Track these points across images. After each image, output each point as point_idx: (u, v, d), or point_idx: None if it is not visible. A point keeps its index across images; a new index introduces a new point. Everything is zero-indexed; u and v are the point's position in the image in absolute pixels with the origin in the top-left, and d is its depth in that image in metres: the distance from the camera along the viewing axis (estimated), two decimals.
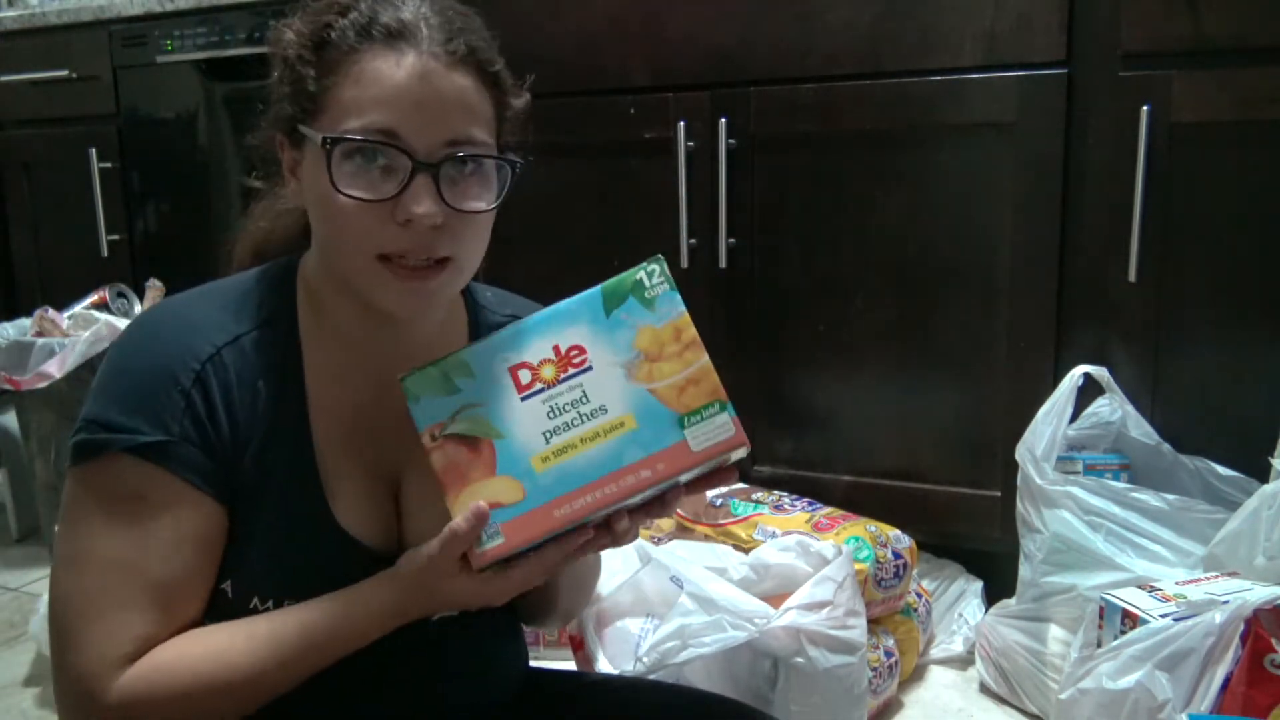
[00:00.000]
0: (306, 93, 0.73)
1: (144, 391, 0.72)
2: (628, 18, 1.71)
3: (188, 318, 0.77)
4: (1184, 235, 1.40)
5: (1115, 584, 1.26)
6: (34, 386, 1.83)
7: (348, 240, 0.73)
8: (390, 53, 0.71)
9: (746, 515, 1.51)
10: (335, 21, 0.73)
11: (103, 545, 0.71)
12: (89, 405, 0.72)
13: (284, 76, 0.75)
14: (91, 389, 0.74)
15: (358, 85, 0.71)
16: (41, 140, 2.38)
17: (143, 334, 0.76)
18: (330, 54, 0.73)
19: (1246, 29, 1.33)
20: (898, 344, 1.62)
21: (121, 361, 0.74)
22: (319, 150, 0.71)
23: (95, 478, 0.72)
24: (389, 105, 0.71)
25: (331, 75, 0.72)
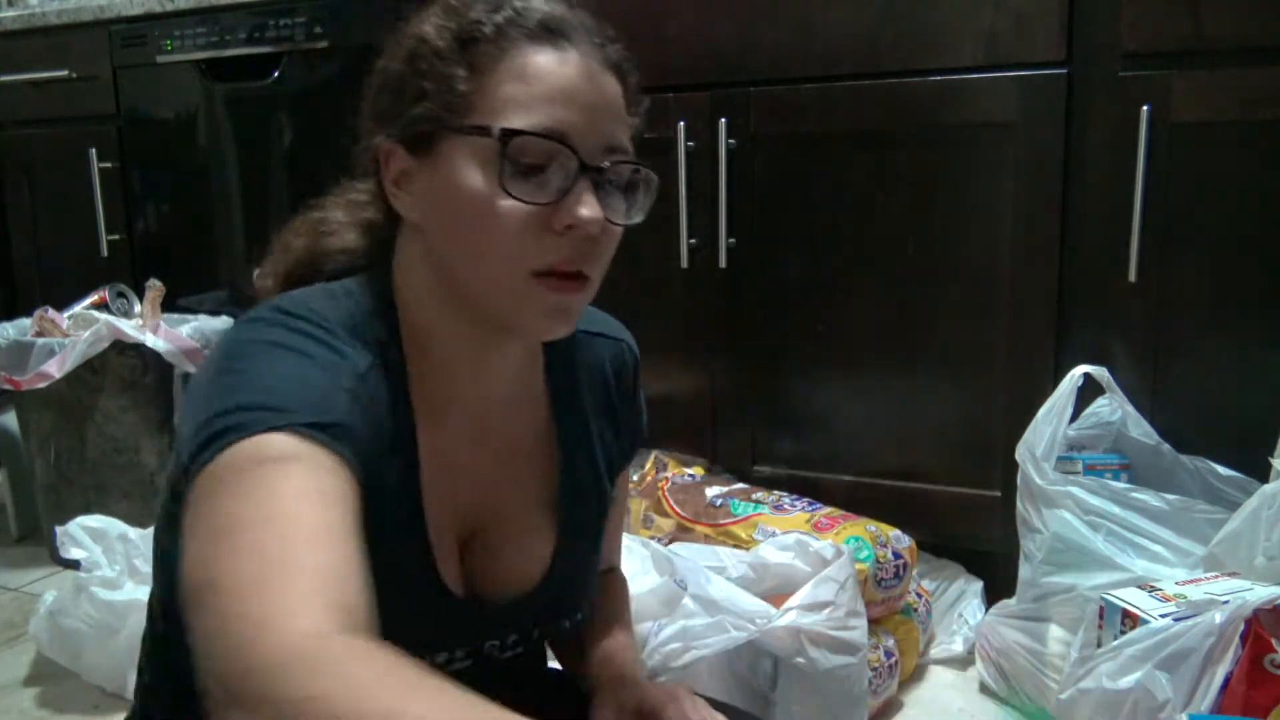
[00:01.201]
0: (454, 91, 0.67)
1: (305, 384, 0.62)
2: (628, 18, 1.70)
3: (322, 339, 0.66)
4: (1184, 235, 1.40)
5: (1115, 584, 1.26)
6: (34, 386, 1.83)
7: (502, 252, 0.67)
8: (552, 50, 0.68)
9: (746, 515, 1.51)
10: (486, 17, 0.68)
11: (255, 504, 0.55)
12: (219, 401, 0.60)
13: (415, 75, 0.69)
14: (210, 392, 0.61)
15: (522, 81, 0.67)
16: (41, 140, 2.38)
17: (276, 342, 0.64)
18: (482, 50, 0.67)
19: (1246, 29, 1.33)
20: (898, 344, 1.62)
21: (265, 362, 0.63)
22: (473, 149, 0.66)
23: (241, 454, 0.57)
24: (559, 103, 0.66)
25: (485, 73, 0.67)
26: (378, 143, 0.71)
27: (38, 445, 1.95)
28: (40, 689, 1.56)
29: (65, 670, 1.55)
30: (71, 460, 1.92)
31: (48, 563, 2.02)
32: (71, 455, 1.91)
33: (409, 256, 0.73)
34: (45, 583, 1.93)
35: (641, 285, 1.76)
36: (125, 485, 1.93)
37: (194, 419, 0.61)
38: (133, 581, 1.50)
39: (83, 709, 1.50)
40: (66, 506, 1.90)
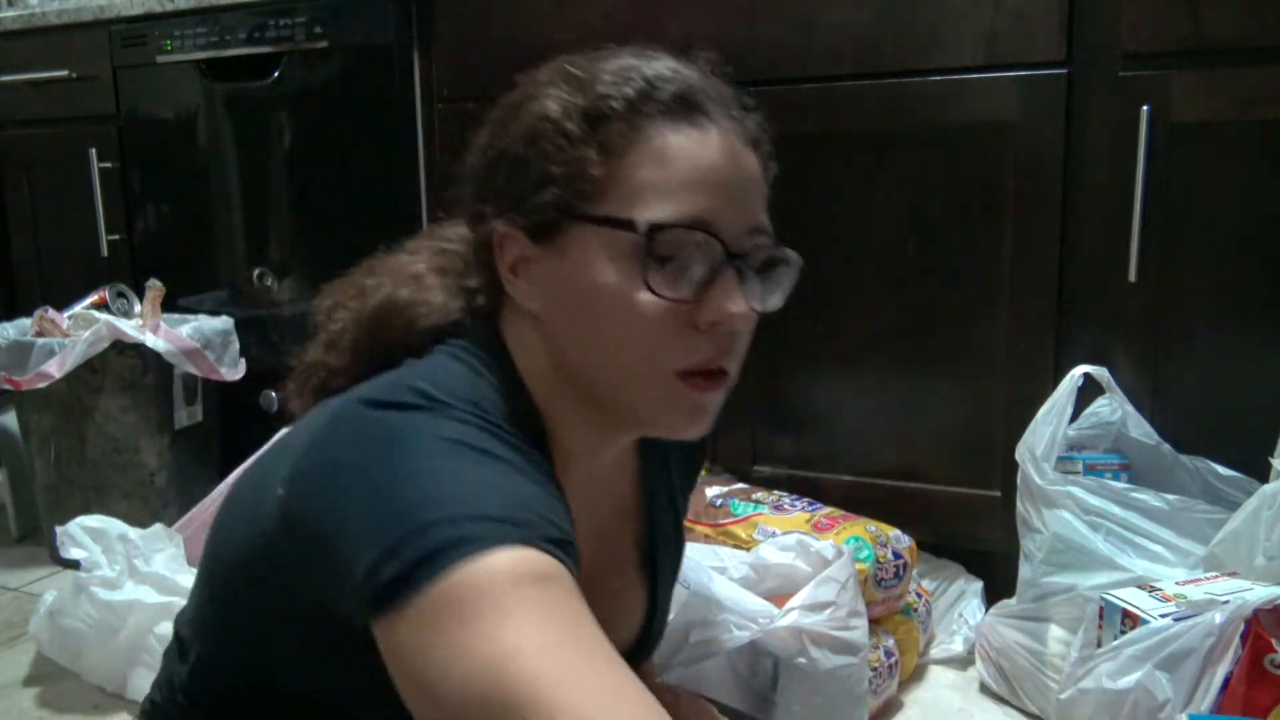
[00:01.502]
0: (585, 176, 0.62)
1: (521, 493, 0.56)
2: (628, 18, 1.71)
3: (501, 434, 0.60)
4: (1184, 235, 1.40)
5: (1115, 584, 1.26)
6: (34, 386, 1.83)
7: (642, 352, 0.62)
8: (691, 127, 0.63)
9: (746, 515, 1.51)
10: (616, 92, 0.62)
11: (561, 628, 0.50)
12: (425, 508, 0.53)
13: (539, 157, 0.63)
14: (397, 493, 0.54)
15: (661, 165, 0.61)
16: (41, 140, 2.38)
17: (461, 440, 0.58)
18: (614, 130, 0.62)
19: (1246, 29, 1.33)
20: (898, 344, 1.62)
21: (462, 464, 0.56)
22: (607, 239, 0.61)
23: (498, 567, 0.51)
24: (702, 188, 0.62)
25: (619, 155, 0.62)
26: (494, 227, 0.66)
27: (38, 445, 1.95)
28: (40, 689, 1.56)
29: (65, 670, 1.55)
30: (71, 460, 1.92)
31: (48, 563, 2.02)
32: (71, 455, 1.91)
33: (522, 339, 0.67)
34: (45, 583, 1.93)
35: None
36: (125, 485, 1.93)
37: (380, 524, 0.53)
38: (133, 581, 1.49)
39: (83, 709, 1.50)
40: (66, 506, 1.90)
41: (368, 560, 0.52)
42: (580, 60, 0.66)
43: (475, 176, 0.68)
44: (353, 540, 0.54)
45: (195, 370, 1.92)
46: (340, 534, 0.55)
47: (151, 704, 0.78)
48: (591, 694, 0.48)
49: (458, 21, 1.84)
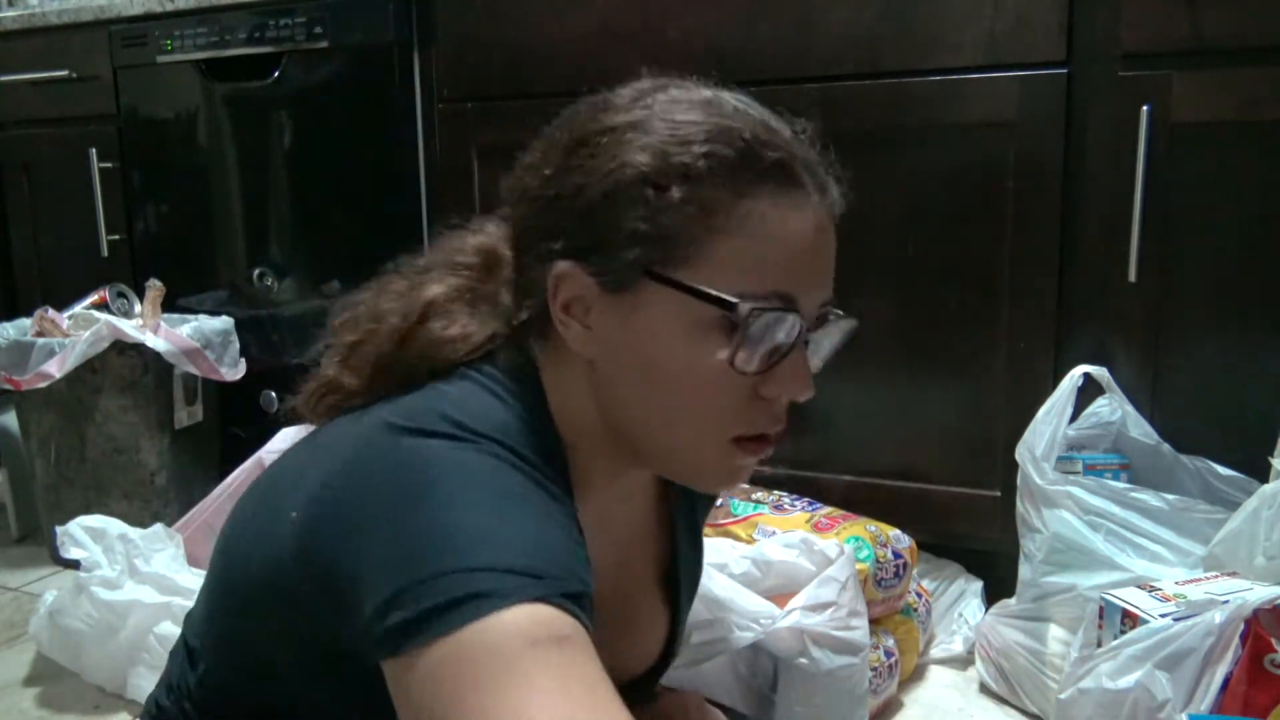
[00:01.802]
0: (679, 239, 0.59)
1: (543, 542, 0.55)
2: (628, 18, 1.71)
3: (526, 479, 0.59)
4: (1184, 235, 1.40)
5: (1115, 584, 1.26)
6: (34, 386, 1.83)
7: (708, 421, 0.61)
8: (788, 200, 0.61)
9: (746, 515, 1.51)
10: (717, 151, 0.59)
11: (570, 696, 0.50)
12: (446, 555, 0.52)
13: (625, 206, 0.60)
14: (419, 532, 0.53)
15: (757, 240, 0.59)
16: (41, 140, 2.37)
17: (488, 481, 0.57)
18: (709, 192, 0.59)
19: (1246, 29, 1.33)
20: (898, 344, 1.61)
21: (485, 508, 0.55)
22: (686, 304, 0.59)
23: (512, 629, 0.50)
24: (794, 267, 0.60)
25: (712, 218, 0.59)
26: (558, 266, 0.62)
27: (38, 445, 1.95)
28: (40, 689, 1.56)
29: (65, 670, 1.55)
30: (71, 460, 1.91)
31: (48, 563, 2.02)
32: (71, 455, 1.91)
33: (562, 374, 0.65)
34: (45, 583, 1.93)
35: None
36: (125, 485, 1.93)
37: (397, 565, 0.52)
38: (133, 581, 1.50)
39: (83, 709, 1.50)
40: (66, 506, 1.90)
41: (379, 600, 0.52)
42: (670, 100, 0.63)
43: (533, 204, 0.64)
44: (368, 576, 0.53)
45: (195, 370, 1.92)
46: (355, 568, 0.54)
47: (158, 706, 0.78)
48: None
49: (458, 21, 1.84)
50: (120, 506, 1.88)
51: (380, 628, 0.52)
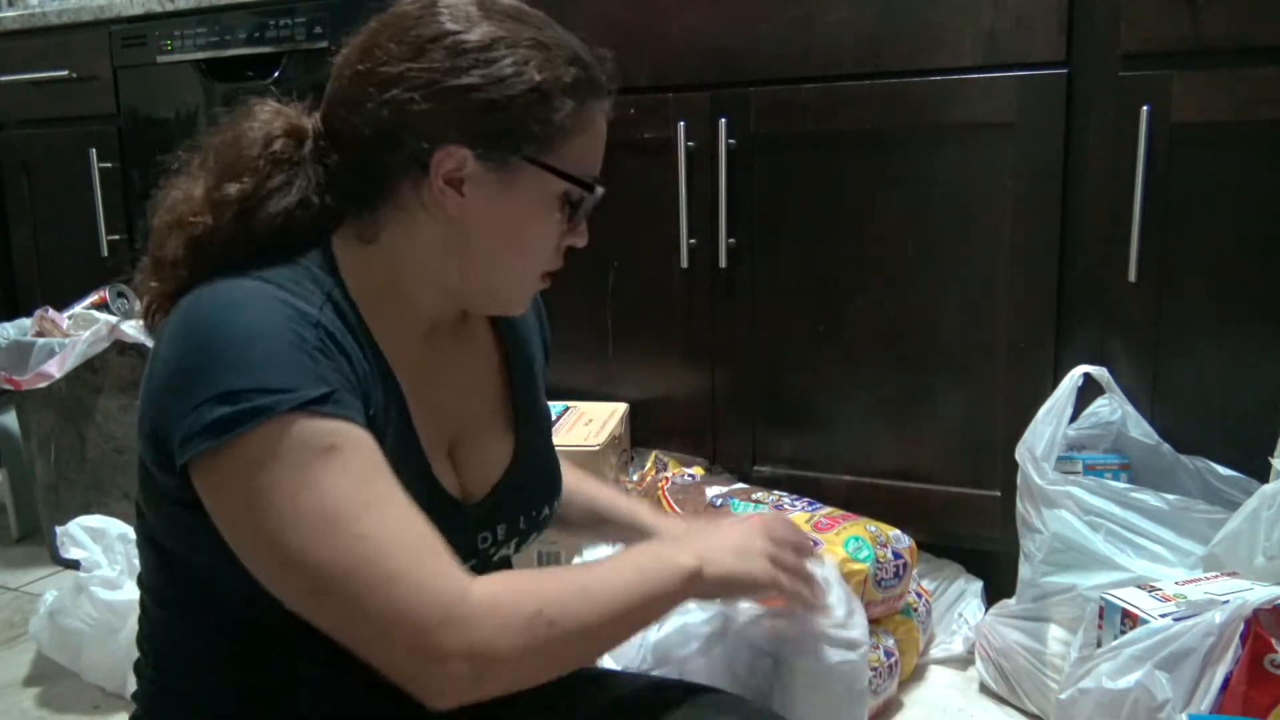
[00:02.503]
0: (552, 134, 0.77)
1: (280, 353, 0.68)
2: (628, 18, 1.71)
3: (262, 294, 0.72)
4: (1184, 235, 1.40)
5: (1115, 584, 1.26)
6: (34, 386, 1.83)
7: (532, 263, 0.81)
8: (600, 106, 0.80)
9: (747, 515, 1.51)
10: (577, 71, 0.78)
11: (344, 494, 0.67)
12: (215, 380, 0.67)
13: (523, 107, 0.75)
14: (197, 370, 0.68)
15: (592, 137, 0.80)
16: (41, 140, 2.38)
17: (230, 310, 0.70)
18: (580, 100, 0.78)
19: (1246, 29, 1.33)
20: (898, 344, 1.62)
21: (228, 335, 0.69)
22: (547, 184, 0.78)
23: (276, 444, 0.66)
24: (599, 158, 0.82)
25: (574, 124, 0.78)
26: (449, 148, 0.75)
27: (38, 445, 1.95)
28: (40, 689, 1.56)
29: (65, 670, 1.55)
30: (71, 460, 1.91)
31: (48, 563, 2.02)
32: (71, 455, 1.91)
33: (409, 236, 0.79)
34: (45, 583, 1.93)
35: (641, 285, 1.76)
36: (125, 485, 1.92)
37: (184, 397, 0.68)
38: (133, 581, 1.49)
39: (83, 709, 1.50)
40: (66, 506, 1.90)
41: (176, 437, 0.68)
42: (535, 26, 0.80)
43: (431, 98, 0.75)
44: (167, 421, 0.69)
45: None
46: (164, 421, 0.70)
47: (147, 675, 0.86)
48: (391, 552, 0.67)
49: None
50: (120, 506, 1.88)
51: (180, 457, 0.68)
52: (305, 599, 0.69)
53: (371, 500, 0.68)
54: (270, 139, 0.81)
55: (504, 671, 0.69)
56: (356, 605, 0.66)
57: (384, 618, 0.66)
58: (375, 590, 0.66)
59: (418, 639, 0.66)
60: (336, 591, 0.66)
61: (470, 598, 0.67)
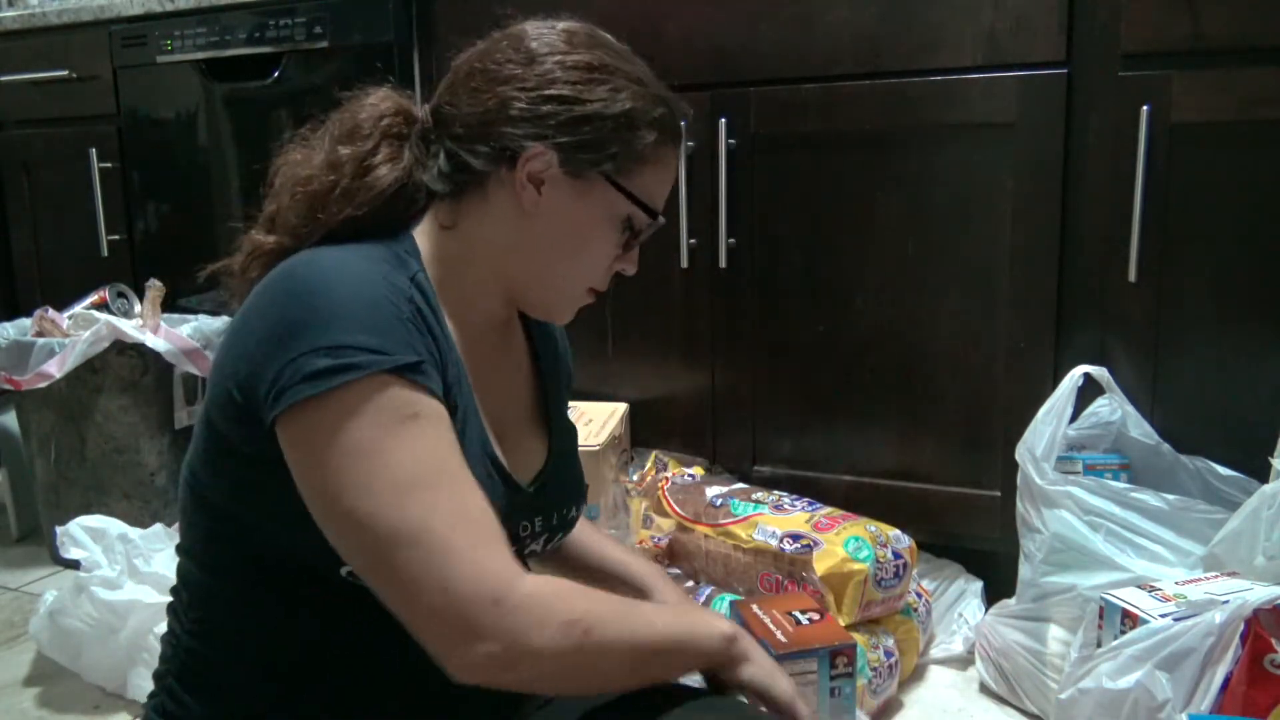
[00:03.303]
0: (632, 161, 0.84)
1: (385, 322, 0.73)
2: (627, 18, 1.71)
3: (362, 260, 0.78)
4: (1184, 235, 1.40)
5: (1115, 584, 1.26)
6: (34, 386, 1.83)
7: (584, 274, 0.87)
8: (675, 149, 0.88)
9: (746, 515, 1.51)
10: (666, 116, 0.85)
11: (424, 461, 0.71)
12: (315, 334, 0.71)
13: (613, 128, 0.82)
14: (297, 322, 0.72)
15: (658, 175, 0.86)
16: (41, 140, 2.38)
17: (329, 271, 0.75)
18: (658, 137, 0.84)
19: (1246, 29, 1.33)
20: (898, 344, 1.62)
21: (329, 291, 0.73)
22: (615, 203, 0.84)
23: (364, 401, 0.70)
24: (664, 195, 0.88)
25: (650, 154, 0.84)
26: (538, 147, 0.81)
27: (38, 445, 1.95)
28: (40, 689, 1.56)
29: (65, 670, 1.55)
30: (71, 460, 1.92)
31: (48, 563, 2.02)
32: (71, 455, 1.91)
33: (481, 223, 0.85)
34: (45, 583, 1.93)
35: (641, 285, 1.75)
36: (125, 485, 1.93)
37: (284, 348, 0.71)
38: (133, 581, 1.50)
39: (83, 709, 1.50)
40: (66, 506, 1.90)
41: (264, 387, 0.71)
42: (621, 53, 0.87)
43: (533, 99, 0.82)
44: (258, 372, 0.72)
45: (195, 370, 1.92)
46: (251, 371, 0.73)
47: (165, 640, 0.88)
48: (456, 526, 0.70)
49: (458, 21, 1.84)
50: (120, 506, 1.88)
51: (274, 407, 0.71)
52: (365, 556, 0.71)
53: (444, 473, 0.72)
54: (382, 115, 0.88)
55: (533, 665, 0.70)
56: (414, 571, 0.69)
57: (437, 588, 0.68)
58: (433, 560, 0.69)
59: (463, 613, 0.68)
60: (398, 555, 0.69)
61: (520, 587, 0.70)
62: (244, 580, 0.81)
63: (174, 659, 0.86)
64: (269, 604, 0.81)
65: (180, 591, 0.86)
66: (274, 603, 0.81)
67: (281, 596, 0.80)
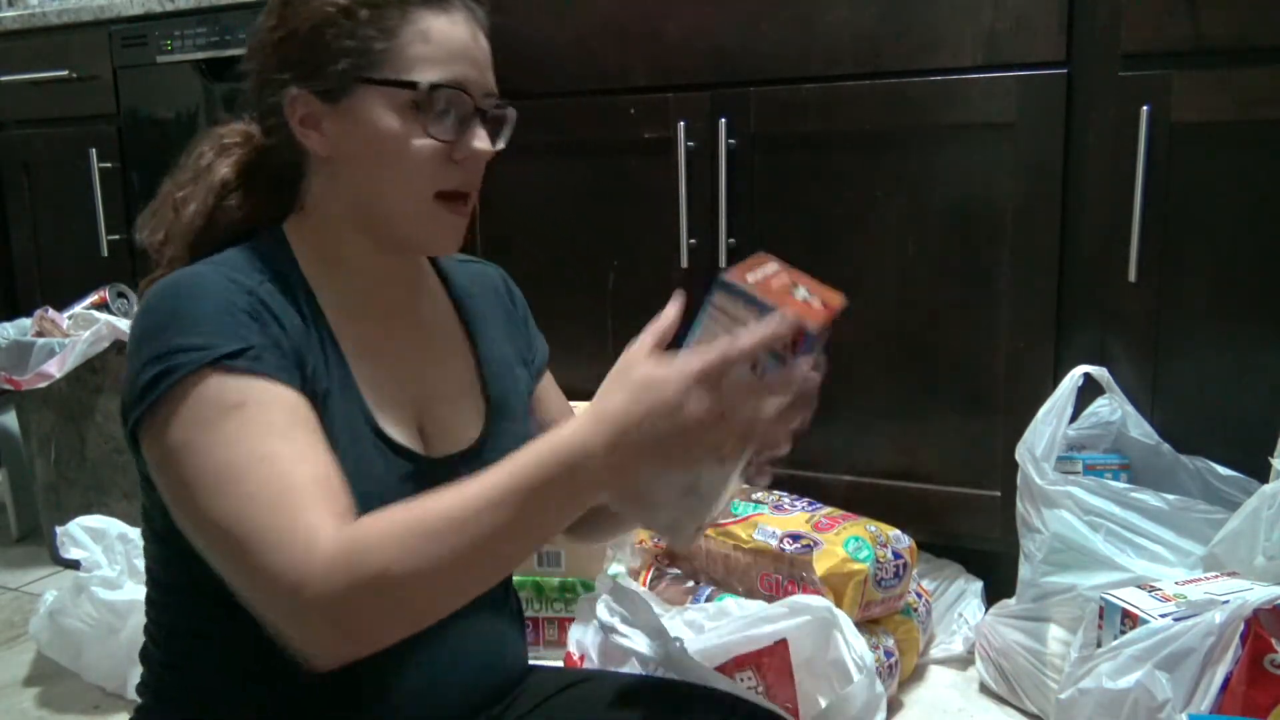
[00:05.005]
0: (372, 50, 0.79)
1: (206, 317, 0.73)
2: (627, 18, 1.71)
3: (208, 271, 0.78)
4: (1184, 235, 1.40)
5: (1115, 584, 1.26)
6: (34, 386, 1.83)
7: (412, 180, 0.80)
8: (443, 14, 0.81)
9: (746, 515, 1.51)
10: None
11: (240, 451, 0.69)
12: (149, 347, 0.72)
13: (334, 36, 0.79)
14: (139, 341, 0.74)
15: (426, 43, 0.79)
16: (41, 140, 2.38)
17: (173, 289, 0.76)
18: (389, 15, 0.79)
19: (1246, 29, 1.33)
20: (897, 344, 1.62)
21: (167, 307, 0.74)
22: (389, 98, 0.79)
23: (190, 401, 0.70)
24: (458, 61, 0.80)
25: (395, 35, 0.79)
26: (290, 92, 0.81)
27: (38, 445, 1.95)
28: (40, 689, 1.56)
29: (65, 670, 1.55)
30: (71, 460, 1.91)
31: (48, 563, 2.02)
32: (71, 455, 1.91)
33: (319, 189, 0.84)
34: (45, 583, 1.94)
35: (641, 285, 1.76)
36: (125, 485, 1.93)
37: (128, 371, 0.74)
38: (133, 581, 1.50)
39: (83, 709, 1.50)
40: (66, 506, 1.90)
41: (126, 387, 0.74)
42: None
43: (262, 55, 0.83)
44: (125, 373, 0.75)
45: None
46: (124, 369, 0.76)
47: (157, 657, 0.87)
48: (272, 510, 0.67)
49: None
50: (120, 506, 1.88)
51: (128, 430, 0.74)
52: (211, 557, 0.70)
53: (265, 455, 0.69)
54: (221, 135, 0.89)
55: (373, 627, 0.66)
56: (239, 564, 0.67)
57: (257, 579, 0.66)
58: (249, 551, 0.66)
59: (286, 607, 0.65)
60: (226, 550, 0.68)
61: (317, 562, 0.64)
62: (191, 594, 0.81)
63: (147, 678, 0.87)
64: (219, 616, 0.77)
65: (147, 609, 0.87)
66: (224, 616, 0.76)
67: (229, 610, 0.75)
